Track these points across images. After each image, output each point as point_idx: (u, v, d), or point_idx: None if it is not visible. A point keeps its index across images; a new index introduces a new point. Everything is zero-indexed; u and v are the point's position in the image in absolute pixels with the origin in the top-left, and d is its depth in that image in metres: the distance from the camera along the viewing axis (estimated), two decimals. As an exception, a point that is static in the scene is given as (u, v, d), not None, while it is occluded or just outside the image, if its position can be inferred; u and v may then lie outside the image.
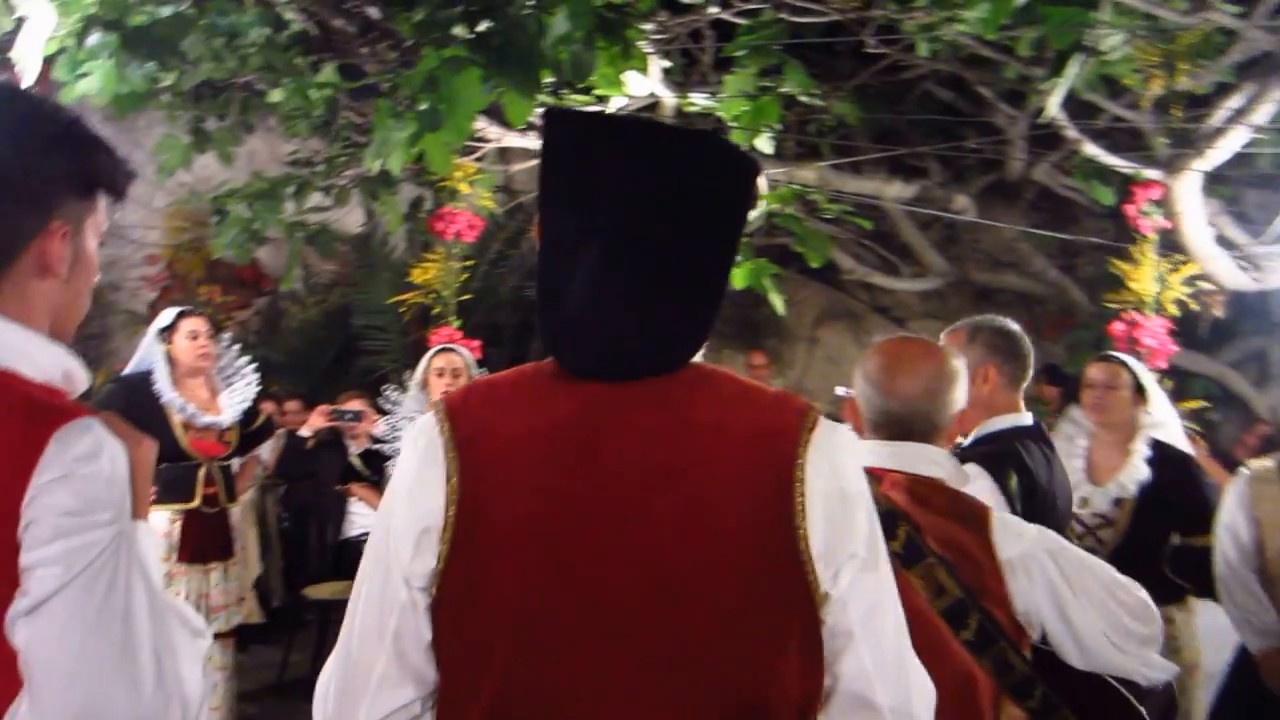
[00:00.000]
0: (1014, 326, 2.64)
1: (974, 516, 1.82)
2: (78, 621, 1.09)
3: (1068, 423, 3.52)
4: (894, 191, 6.14)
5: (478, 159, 4.96)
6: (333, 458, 5.28)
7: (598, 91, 3.60)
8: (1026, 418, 2.59)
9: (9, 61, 2.96)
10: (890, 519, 1.71)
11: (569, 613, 1.15)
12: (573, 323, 1.21)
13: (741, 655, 1.14)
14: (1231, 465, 4.18)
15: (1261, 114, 4.81)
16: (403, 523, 1.20)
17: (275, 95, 3.56)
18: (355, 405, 5.29)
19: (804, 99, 4.03)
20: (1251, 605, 2.98)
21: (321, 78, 3.62)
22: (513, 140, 4.59)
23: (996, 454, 2.42)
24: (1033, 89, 4.90)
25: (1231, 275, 5.48)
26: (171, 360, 4.17)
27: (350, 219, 7.29)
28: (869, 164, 6.07)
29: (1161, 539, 3.17)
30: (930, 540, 1.75)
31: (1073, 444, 3.39)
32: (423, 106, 2.95)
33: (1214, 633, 3.34)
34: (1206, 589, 3.14)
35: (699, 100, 4.13)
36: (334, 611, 5.62)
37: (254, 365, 4.50)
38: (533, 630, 1.15)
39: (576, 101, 3.96)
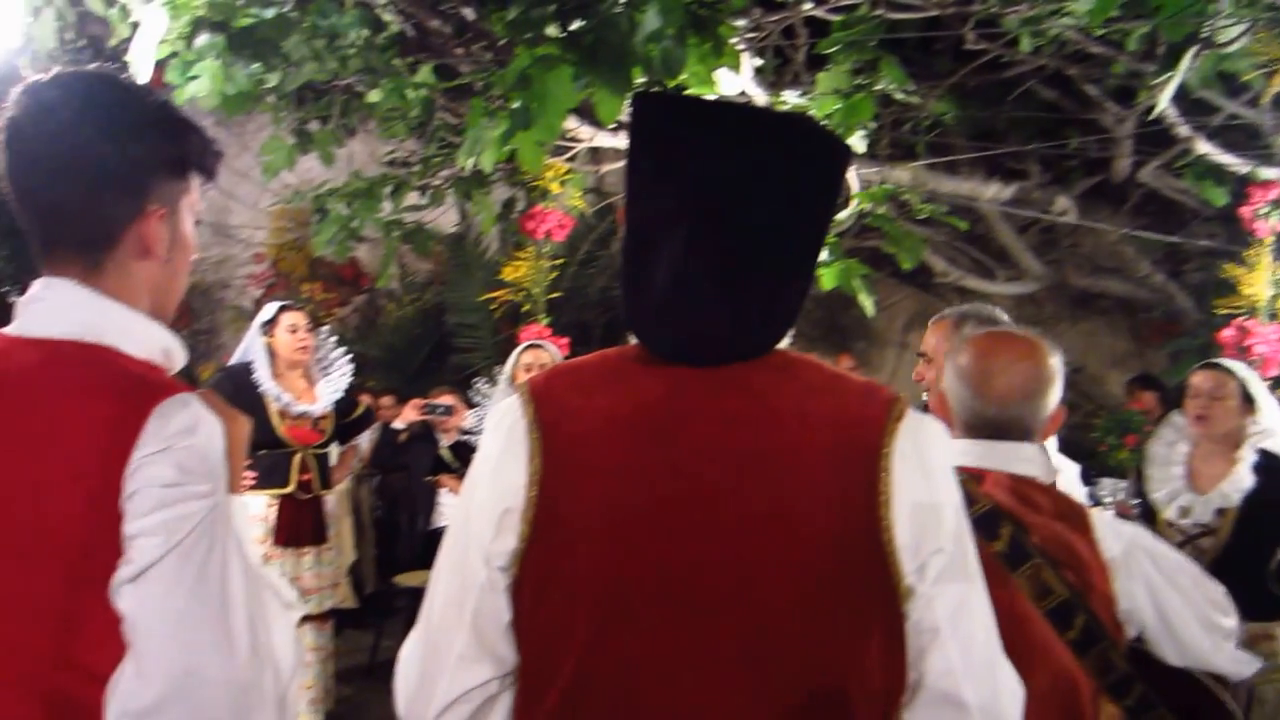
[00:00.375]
0: (1002, 316, 2.56)
1: (1077, 516, 1.79)
2: (177, 589, 1.13)
3: (1168, 428, 3.39)
4: (992, 193, 6.00)
5: (569, 159, 5.01)
6: (424, 450, 5.39)
7: (689, 90, 3.60)
8: None
9: (125, 65, 3.08)
10: (993, 519, 1.70)
11: (649, 595, 1.15)
12: (658, 306, 1.20)
13: (820, 642, 1.13)
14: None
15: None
16: (484, 502, 1.21)
17: (373, 96, 3.64)
18: (447, 400, 5.39)
19: (900, 97, 3.96)
20: None
21: (418, 78, 3.69)
22: (604, 140, 4.61)
23: None
24: (1143, 85, 4.73)
25: (1355, 280, 5.23)
26: (272, 352, 4.31)
27: (445, 219, 7.42)
28: (966, 164, 5.94)
29: (1267, 551, 3.04)
30: (1037, 540, 1.72)
31: (1173, 450, 3.27)
32: (515, 105, 2.99)
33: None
34: (1317, 605, 3.01)
35: (791, 98, 4.10)
36: (423, 599, 5.75)
37: (351, 360, 4.62)
38: (612, 612, 1.15)
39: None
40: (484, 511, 1.21)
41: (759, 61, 4.04)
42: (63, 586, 1.16)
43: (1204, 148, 4.95)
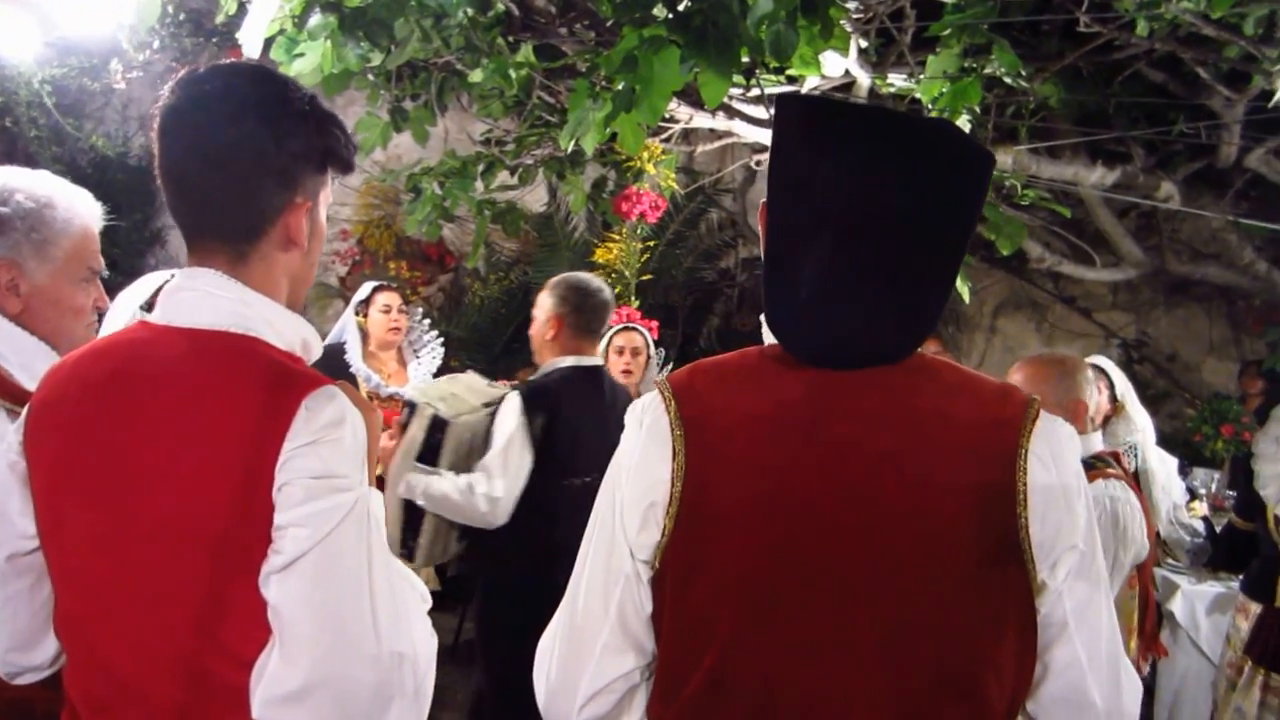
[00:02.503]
0: (592, 284, 3.28)
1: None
2: (324, 580, 1.14)
3: (1276, 423, 3.24)
4: (1095, 178, 5.83)
5: (664, 140, 4.96)
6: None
7: (792, 71, 3.53)
8: (588, 360, 3.31)
9: (225, 42, 3.11)
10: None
11: (791, 590, 1.18)
12: (800, 310, 1.22)
13: (956, 635, 1.16)
14: None
15: None
16: (629, 496, 1.24)
17: (475, 75, 3.62)
18: (534, 381, 5.38)
19: (1008, 80, 3.85)
20: None
21: (519, 57, 3.67)
22: (701, 121, 4.56)
23: (539, 386, 3.19)
24: (1258, 70, 4.54)
25: None
26: (364, 332, 4.34)
27: (532, 198, 7.42)
28: (1068, 148, 5.78)
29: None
30: None
31: None
32: (619, 86, 2.95)
33: None
34: None
35: (897, 81, 4.00)
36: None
37: (439, 339, 4.64)
38: (756, 603, 1.18)
39: (770, 82, 3.90)
40: (629, 506, 1.24)
41: (864, 43, 3.95)
42: (208, 572, 1.17)
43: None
